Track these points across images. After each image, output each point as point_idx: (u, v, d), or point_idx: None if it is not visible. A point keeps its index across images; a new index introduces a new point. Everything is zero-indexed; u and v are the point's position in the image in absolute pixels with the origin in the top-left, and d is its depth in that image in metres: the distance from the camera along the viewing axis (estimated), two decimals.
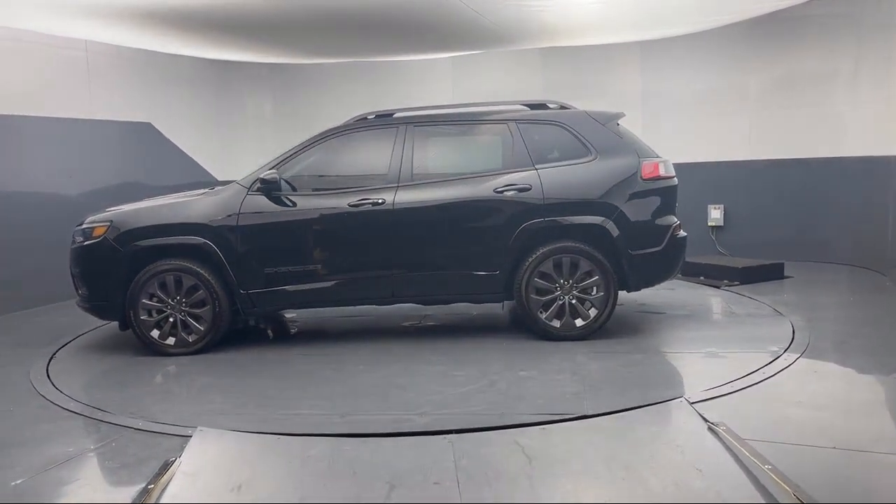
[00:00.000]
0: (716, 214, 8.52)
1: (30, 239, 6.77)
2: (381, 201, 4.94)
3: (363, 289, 5.02)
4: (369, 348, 5.01)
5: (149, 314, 4.94)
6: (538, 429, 3.34)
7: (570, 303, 4.93)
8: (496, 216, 4.95)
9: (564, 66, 9.01)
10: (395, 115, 5.29)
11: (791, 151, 8.09)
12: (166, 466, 3.02)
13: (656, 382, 4.04)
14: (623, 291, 5.10)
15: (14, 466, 3.15)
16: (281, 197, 4.99)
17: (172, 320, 4.96)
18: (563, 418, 3.45)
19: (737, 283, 6.92)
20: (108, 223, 5.02)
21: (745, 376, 4.01)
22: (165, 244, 4.96)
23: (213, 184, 7.43)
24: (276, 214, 4.96)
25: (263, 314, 5.50)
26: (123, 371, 4.71)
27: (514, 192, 4.93)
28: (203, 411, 3.83)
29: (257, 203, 4.97)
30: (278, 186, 4.96)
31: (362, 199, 4.96)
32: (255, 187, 4.99)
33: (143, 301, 4.92)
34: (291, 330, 5.83)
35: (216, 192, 5.22)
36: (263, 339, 5.52)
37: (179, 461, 3.08)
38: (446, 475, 2.88)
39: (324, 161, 5.23)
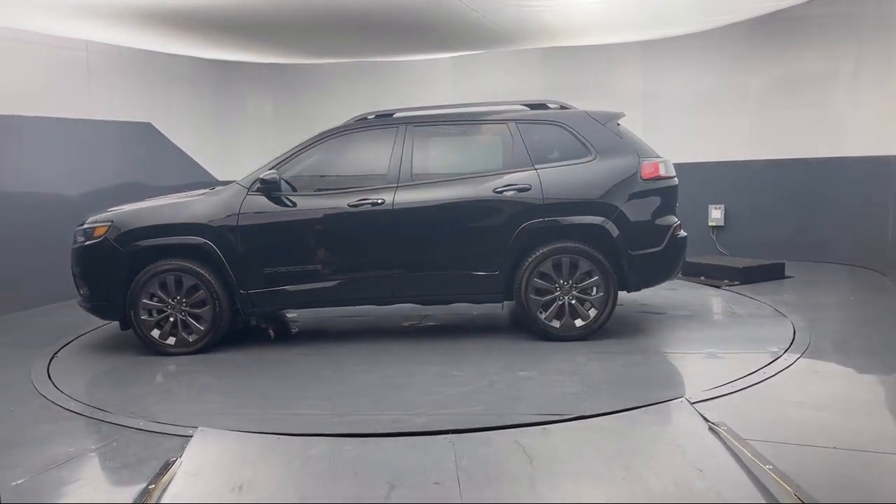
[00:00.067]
0: (716, 214, 8.52)
1: (30, 239, 6.77)
2: (380, 201, 4.95)
3: (363, 289, 5.03)
4: (369, 348, 5.01)
5: (149, 314, 4.95)
6: (539, 429, 3.34)
7: (570, 303, 4.93)
8: (496, 216, 4.95)
9: (565, 66, 9.01)
10: (394, 116, 5.29)
11: (791, 151, 8.09)
12: (167, 466, 3.02)
13: (657, 382, 4.04)
14: (623, 292, 5.10)
15: (15, 466, 3.15)
16: (281, 197, 5.00)
17: (173, 320, 4.97)
18: (562, 418, 3.45)
19: (737, 283, 6.92)
20: (109, 223, 5.03)
21: (745, 376, 4.00)
22: (166, 244, 4.97)
23: (214, 184, 7.43)
24: (275, 214, 4.96)
25: (263, 314, 5.50)
26: (124, 371, 4.72)
27: (513, 193, 4.93)
28: (202, 411, 3.84)
29: (257, 203, 4.98)
30: (278, 187, 4.97)
31: (362, 200, 4.96)
32: (255, 187, 4.99)
33: (144, 301, 4.93)
34: (292, 330, 5.83)
35: (216, 192, 5.22)
36: (263, 339, 5.52)
37: (180, 461, 3.08)
38: (447, 475, 2.88)
39: (324, 161, 5.23)
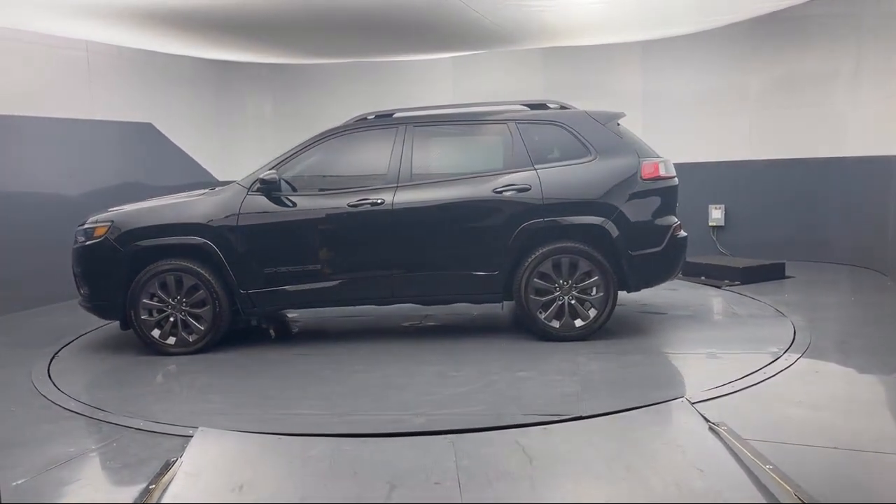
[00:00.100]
0: (717, 214, 8.52)
1: (31, 239, 6.77)
2: (380, 201, 4.94)
3: (363, 289, 5.02)
4: (369, 348, 5.01)
5: (149, 314, 4.96)
6: (539, 429, 3.34)
7: (570, 303, 4.92)
8: (495, 216, 4.94)
9: (565, 66, 9.01)
10: (394, 116, 5.29)
11: (792, 151, 8.09)
12: (167, 466, 3.02)
13: (657, 383, 4.04)
14: (624, 292, 5.10)
15: (16, 466, 3.15)
16: (280, 197, 5.00)
17: (173, 320, 4.97)
18: (563, 419, 3.45)
19: (738, 283, 6.92)
20: (110, 223, 5.03)
21: (746, 376, 4.00)
22: (166, 244, 4.98)
23: (214, 184, 7.43)
24: (275, 215, 4.97)
25: (264, 314, 5.50)
26: (124, 371, 4.72)
27: (513, 193, 4.93)
28: (202, 411, 3.84)
29: (257, 203, 4.98)
30: (278, 187, 4.97)
31: (361, 200, 4.96)
32: (254, 187, 4.99)
33: (144, 301, 4.93)
34: (293, 330, 5.83)
35: (216, 192, 5.22)
36: (263, 339, 5.52)
37: (181, 461, 3.08)
38: (447, 475, 2.88)
39: (323, 161, 5.23)
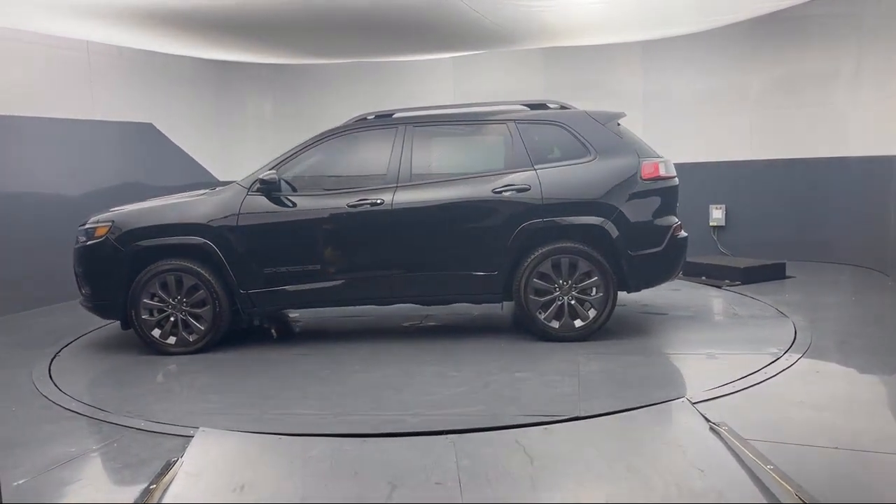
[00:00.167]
0: (717, 214, 8.51)
1: (31, 239, 6.78)
2: (379, 202, 4.94)
3: (363, 289, 5.02)
4: (368, 349, 5.01)
5: (150, 314, 4.96)
6: (540, 429, 3.33)
7: (569, 303, 4.92)
8: (495, 216, 4.94)
9: (565, 66, 9.00)
10: (394, 116, 5.29)
11: (792, 151, 8.09)
12: (168, 466, 3.02)
13: (657, 383, 4.03)
14: (625, 292, 5.10)
15: (17, 467, 3.15)
16: (280, 197, 5.00)
17: (173, 320, 4.97)
18: (563, 419, 3.44)
19: (738, 283, 6.92)
20: (110, 223, 5.04)
21: (746, 376, 4.00)
22: (166, 244, 4.98)
23: (215, 184, 7.44)
24: (275, 215, 4.97)
25: (264, 314, 5.50)
26: (125, 370, 4.72)
27: (512, 193, 4.92)
28: (202, 410, 3.84)
29: (257, 203, 4.98)
30: (277, 187, 4.97)
31: (361, 200, 4.96)
32: (254, 188, 5.00)
33: (145, 301, 4.94)
34: (294, 329, 5.83)
35: (217, 192, 5.23)
36: (264, 339, 5.52)
37: (181, 461, 3.08)
38: (448, 475, 2.88)
39: (323, 161, 5.23)
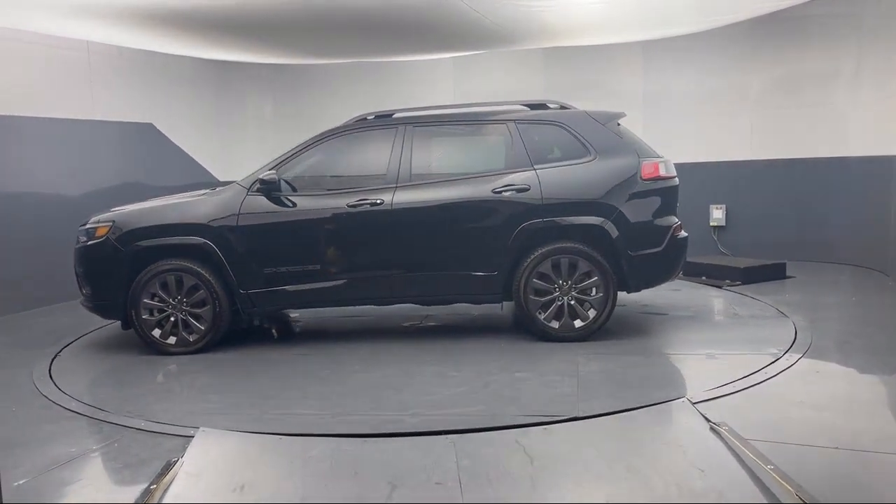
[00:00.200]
0: (718, 214, 8.51)
1: (32, 239, 6.78)
2: (379, 202, 4.94)
3: (362, 289, 5.02)
4: (368, 349, 5.01)
5: (150, 313, 4.97)
6: (540, 429, 3.33)
7: (569, 304, 4.91)
8: (494, 217, 4.93)
9: (566, 66, 9.00)
10: (394, 116, 5.29)
11: (793, 151, 8.09)
12: (169, 467, 3.02)
13: (657, 383, 4.03)
14: (626, 293, 5.09)
15: (17, 467, 3.15)
16: (280, 197, 5.00)
17: (173, 320, 4.98)
18: (564, 419, 3.44)
19: (739, 283, 6.92)
20: (111, 223, 5.04)
21: (747, 376, 4.00)
22: (166, 244, 4.98)
23: (215, 184, 7.44)
24: (275, 215, 4.97)
25: (264, 314, 5.50)
26: (125, 370, 4.72)
27: (512, 193, 4.92)
28: (201, 410, 3.84)
29: (257, 203, 4.98)
30: (277, 187, 4.97)
31: (361, 200, 4.96)
32: (254, 188, 5.00)
33: (145, 300, 4.94)
34: (295, 329, 5.83)
35: (217, 192, 5.23)
36: (264, 339, 5.51)
37: (182, 461, 3.08)
38: (448, 475, 2.88)
39: (323, 162, 5.24)
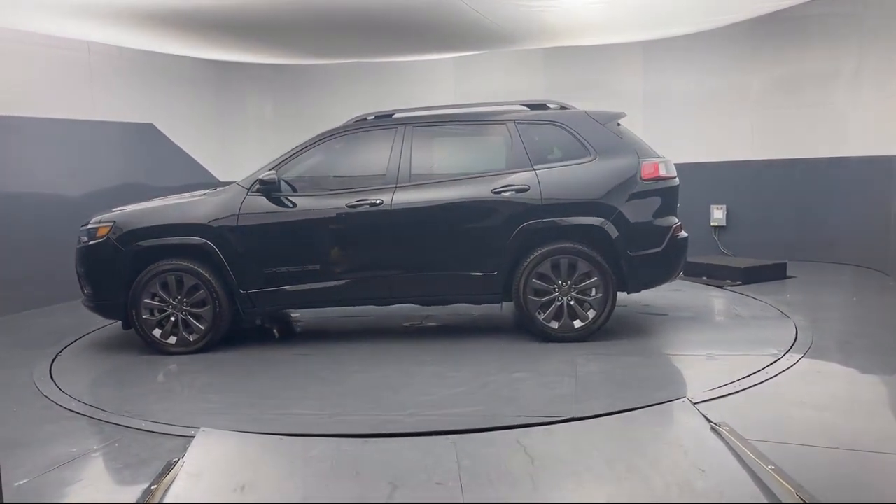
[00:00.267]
0: (718, 214, 8.51)
1: (32, 240, 6.78)
2: (378, 202, 4.94)
3: (362, 289, 5.02)
4: (368, 349, 5.01)
5: (151, 313, 4.97)
6: (541, 429, 3.33)
7: (569, 304, 4.90)
8: (494, 217, 4.93)
9: (566, 66, 9.00)
10: (394, 116, 5.29)
11: (793, 151, 8.08)
12: (169, 467, 3.02)
13: (658, 383, 4.03)
14: (627, 293, 5.09)
15: (18, 467, 3.15)
16: (280, 198, 5.00)
17: (174, 320, 4.98)
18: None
19: (739, 283, 6.91)
20: (112, 223, 5.04)
21: (747, 377, 4.00)
22: (167, 244, 4.98)
23: (215, 185, 7.44)
24: (275, 215, 4.97)
25: (265, 314, 5.50)
26: (126, 370, 4.72)
27: (511, 193, 4.91)
28: (200, 410, 3.85)
29: (257, 204, 4.98)
30: (277, 187, 4.97)
31: (360, 200, 4.96)
32: (254, 188, 5.00)
33: (146, 300, 4.94)
34: (295, 329, 5.83)
35: (217, 192, 5.23)
36: (264, 339, 5.51)
37: (183, 461, 3.08)
38: (449, 475, 2.88)
39: (323, 162, 5.24)
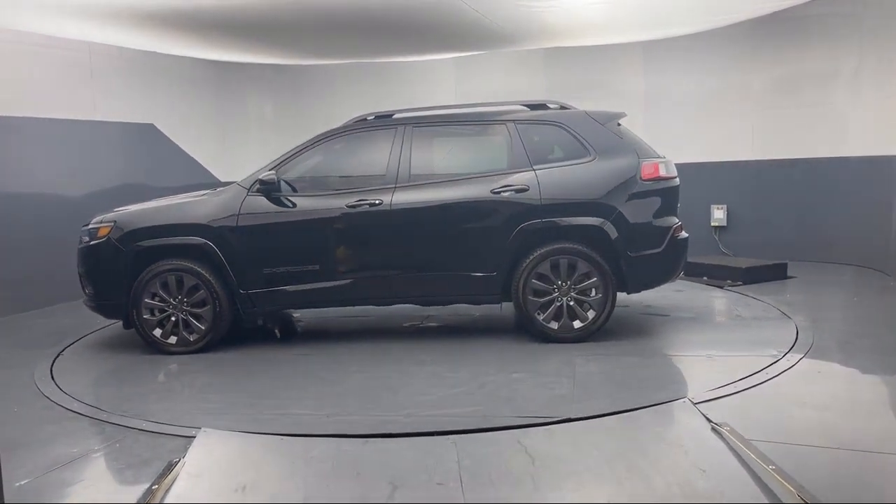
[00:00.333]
0: (719, 214, 8.51)
1: (33, 240, 6.78)
2: (378, 202, 4.94)
3: (362, 289, 5.01)
4: (368, 349, 5.01)
5: (151, 313, 4.98)
6: (542, 429, 3.33)
7: (568, 304, 4.90)
8: (493, 217, 4.92)
9: (567, 66, 9.00)
10: (394, 116, 5.29)
11: (794, 151, 8.08)
12: (170, 467, 3.02)
13: (659, 383, 4.02)
14: (627, 294, 5.08)
15: (19, 467, 3.15)
16: (280, 198, 5.00)
17: (174, 319, 4.98)
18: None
19: (740, 283, 6.91)
20: (112, 223, 5.05)
21: (748, 377, 4.00)
22: (167, 244, 4.99)
23: (216, 185, 7.44)
24: (275, 215, 4.97)
25: (265, 314, 5.50)
26: (126, 370, 4.73)
27: (511, 193, 4.90)
28: (200, 410, 3.85)
29: (257, 204, 4.98)
30: (277, 187, 4.97)
31: (360, 200, 4.95)
32: (254, 188, 5.00)
33: (146, 300, 4.95)
34: (296, 329, 5.83)
35: (217, 193, 5.23)
36: (265, 339, 5.51)
37: (184, 462, 3.08)
38: (450, 475, 2.88)
39: (323, 162, 5.24)
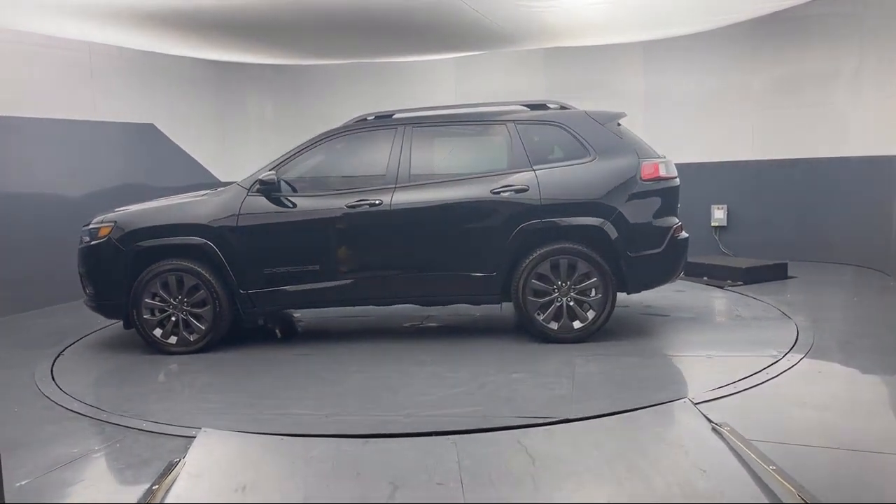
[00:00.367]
0: (719, 214, 8.51)
1: (33, 240, 6.78)
2: (378, 202, 4.94)
3: (362, 289, 5.01)
4: (368, 349, 5.01)
5: (151, 313, 4.98)
6: (542, 429, 3.33)
7: (568, 305, 4.89)
8: (493, 217, 4.92)
9: (567, 66, 9.00)
10: (394, 116, 5.29)
11: (794, 151, 8.08)
12: (171, 467, 3.02)
13: (659, 384, 4.02)
14: (627, 294, 5.08)
15: (19, 467, 3.15)
16: (280, 198, 5.00)
17: (174, 319, 4.98)
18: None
19: (740, 283, 6.91)
20: (113, 223, 5.05)
21: (748, 377, 4.00)
22: (167, 244, 4.99)
23: (216, 185, 7.44)
24: (275, 215, 4.97)
25: (265, 314, 5.50)
26: (127, 370, 4.73)
27: (511, 193, 4.90)
28: (199, 410, 3.85)
29: (257, 204, 4.98)
30: (277, 187, 4.97)
31: (360, 200, 4.95)
32: (254, 188, 5.00)
33: (146, 300, 4.95)
34: (297, 329, 5.83)
35: (217, 193, 5.23)
36: (265, 339, 5.51)
37: (184, 462, 3.08)
38: (450, 476, 2.88)
39: (323, 162, 5.24)
